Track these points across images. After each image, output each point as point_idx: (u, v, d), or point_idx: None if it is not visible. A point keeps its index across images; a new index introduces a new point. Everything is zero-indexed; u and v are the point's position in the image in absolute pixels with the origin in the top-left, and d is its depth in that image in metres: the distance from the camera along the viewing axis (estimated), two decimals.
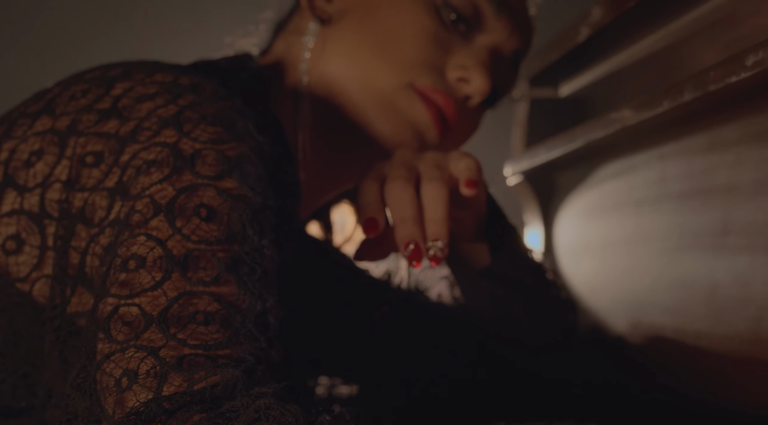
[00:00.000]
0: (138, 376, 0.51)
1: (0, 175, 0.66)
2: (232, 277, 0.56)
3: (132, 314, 0.54)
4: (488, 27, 0.84)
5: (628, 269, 0.89)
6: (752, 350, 0.68)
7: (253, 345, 0.54)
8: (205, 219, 0.57)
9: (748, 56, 0.60)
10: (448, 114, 0.81)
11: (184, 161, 0.59)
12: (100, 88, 0.67)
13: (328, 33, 0.82)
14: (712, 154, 0.74)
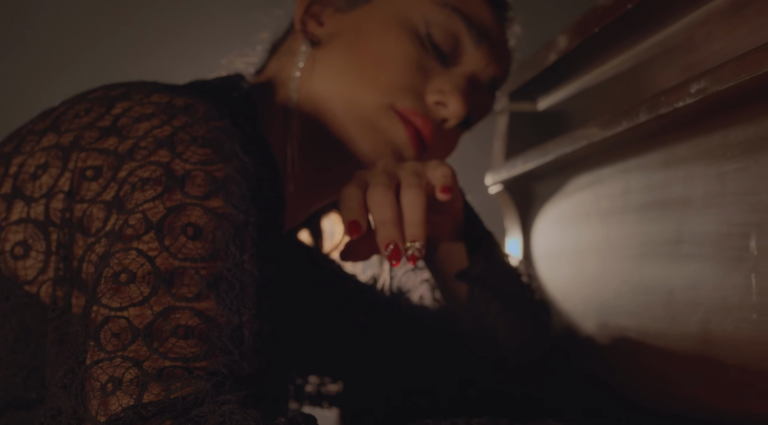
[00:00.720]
0: (122, 383, 0.57)
1: (9, 187, 0.72)
2: (213, 294, 0.62)
3: (120, 326, 0.60)
4: (468, 56, 0.90)
5: (596, 275, 0.96)
6: (702, 349, 0.74)
7: (227, 358, 0.60)
8: (192, 238, 0.63)
9: (692, 84, 0.66)
10: (425, 134, 0.87)
11: (175, 181, 0.65)
12: (102, 107, 0.73)
13: (317, 54, 0.88)
14: (668, 170, 0.81)
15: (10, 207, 0.72)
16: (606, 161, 0.93)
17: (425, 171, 0.84)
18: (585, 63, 1.02)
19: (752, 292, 0.67)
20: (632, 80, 0.93)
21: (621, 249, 0.90)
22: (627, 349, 0.88)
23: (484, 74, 0.93)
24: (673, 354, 0.79)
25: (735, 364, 0.69)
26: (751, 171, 0.68)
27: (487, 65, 0.92)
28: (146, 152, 0.67)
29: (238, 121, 0.69)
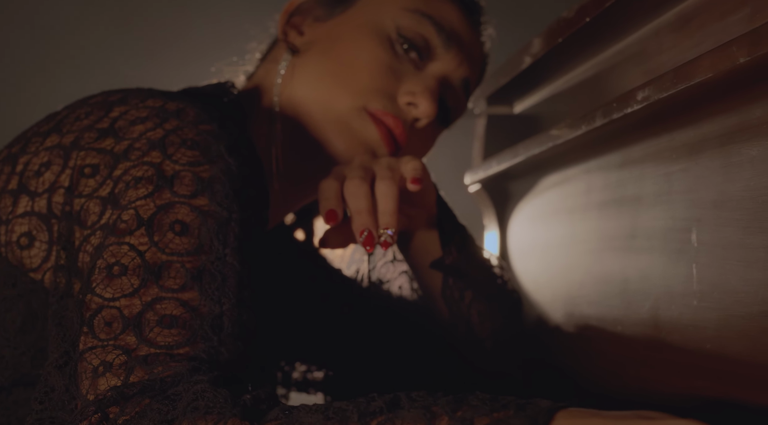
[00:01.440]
0: (112, 367, 0.64)
1: (15, 183, 0.79)
2: (196, 285, 0.68)
3: (112, 315, 0.66)
4: (438, 57, 0.97)
5: (563, 268, 1.02)
6: (652, 333, 0.81)
7: (207, 345, 0.66)
8: (179, 234, 0.69)
9: (638, 92, 0.73)
10: (397, 134, 0.94)
11: (165, 181, 0.71)
12: (101, 110, 0.79)
13: (297, 62, 0.95)
14: (623, 170, 0.88)
15: (16, 201, 0.78)
16: (571, 162, 1.00)
17: (398, 165, 0.91)
18: (555, 69, 1.08)
19: (693, 281, 0.74)
20: (597, 86, 1.00)
21: (584, 244, 0.97)
22: (589, 336, 0.95)
23: (456, 75, 0.99)
24: (628, 338, 0.85)
25: (680, 346, 0.76)
26: (693, 171, 0.75)
27: (458, 67, 0.98)
28: (140, 153, 0.73)
29: (226, 124, 0.76)
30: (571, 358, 0.99)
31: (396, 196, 0.87)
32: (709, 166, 0.72)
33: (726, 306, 0.69)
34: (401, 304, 1.07)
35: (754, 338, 0.65)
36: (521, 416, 0.52)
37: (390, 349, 1.07)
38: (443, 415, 0.54)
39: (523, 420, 0.51)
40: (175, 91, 0.89)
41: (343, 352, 1.11)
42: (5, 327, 0.77)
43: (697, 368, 0.73)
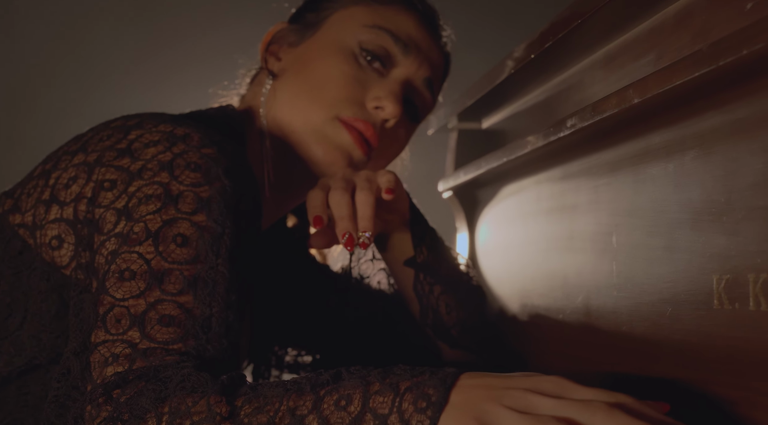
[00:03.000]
0: (118, 358, 0.79)
1: (48, 194, 0.93)
2: (192, 290, 0.81)
3: (121, 313, 0.80)
4: (398, 64, 1.12)
5: (519, 265, 1.18)
6: (586, 320, 0.97)
7: (196, 342, 0.80)
8: (180, 245, 0.83)
9: (568, 120, 0.89)
10: (369, 136, 1.08)
11: (171, 199, 0.84)
12: (120, 133, 0.94)
13: (277, 85, 1.11)
14: (564, 182, 1.03)
15: (48, 209, 0.93)
16: (525, 174, 1.16)
17: (375, 177, 1.06)
18: (515, 93, 1.24)
19: (613, 275, 0.90)
20: (549, 107, 1.16)
21: (535, 245, 1.13)
22: (538, 323, 1.11)
23: (417, 76, 1.14)
24: (568, 324, 1.01)
25: (604, 329, 0.92)
26: (613, 185, 0.91)
27: (418, 69, 1.13)
28: (152, 173, 0.87)
29: (225, 147, 0.90)
30: (525, 343, 1.15)
31: (372, 204, 1.03)
32: (624, 181, 0.88)
33: (635, 295, 0.85)
34: (380, 296, 1.23)
35: (654, 321, 0.81)
36: (434, 378, 0.67)
37: (369, 335, 1.23)
38: (375, 382, 0.69)
39: (435, 381, 0.67)
40: (185, 112, 1.05)
41: (329, 338, 1.27)
42: (41, 315, 0.91)
43: (616, 347, 0.89)
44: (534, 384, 0.67)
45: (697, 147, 0.74)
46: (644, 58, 0.88)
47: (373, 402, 0.67)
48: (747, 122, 0.68)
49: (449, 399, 0.66)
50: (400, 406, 0.66)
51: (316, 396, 0.70)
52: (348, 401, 0.68)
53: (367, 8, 1.13)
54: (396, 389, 0.67)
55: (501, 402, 0.65)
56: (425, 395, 0.66)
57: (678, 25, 0.81)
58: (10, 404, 0.92)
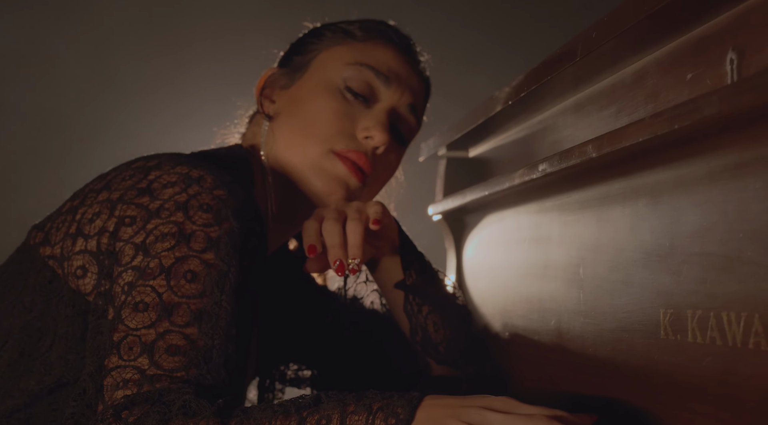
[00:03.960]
0: (129, 383, 0.89)
1: (74, 228, 1.04)
2: (197, 323, 0.92)
3: (134, 341, 0.91)
4: (382, 95, 1.22)
5: (501, 287, 1.29)
6: (558, 342, 1.07)
7: (197, 372, 0.90)
8: (189, 281, 0.93)
9: (540, 165, 1.00)
10: (362, 164, 1.18)
11: (184, 238, 0.94)
12: (141, 173, 1.04)
13: (274, 125, 1.21)
14: (540, 215, 1.14)
15: (74, 242, 1.03)
16: (506, 205, 1.27)
17: (365, 208, 1.16)
18: (498, 128, 1.35)
19: (581, 303, 1.01)
20: (527, 142, 1.27)
21: (515, 270, 1.24)
22: (518, 342, 1.21)
23: (401, 104, 1.24)
24: (542, 344, 1.12)
25: (573, 351, 1.03)
26: (580, 222, 1.01)
27: (401, 97, 1.23)
28: (168, 212, 0.97)
29: (235, 189, 1.00)
30: (505, 359, 1.26)
31: (361, 233, 1.13)
32: (590, 219, 0.99)
33: (599, 322, 0.96)
34: (373, 315, 1.34)
35: (614, 347, 0.92)
36: (402, 399, 0.79)
37: (362, 351, 1.34)
38: (351, 403, 0.80)
39: (403, 401, 0.78)
40: (200, 151, 1.15)
41: (327, 354, 1.37)
42: (68, 338, 1.02)
43: (582, 367, 1.00)
44: (486, 403, 0.79)
45: (647, 196, 0.85)
46: (607, 110, 0.98)
47: (350, 421, 0.79)
48: (687, 178, 0.78)
49: (415, 416, 0.77)
50: (373, 423, 0.77)
51: (300, 417, 0.81)
52: (328, 420, 0.80)
53: (348, 47, 1.23)
54: (369, 409, 0.79)
55: (459, 419, 0.77)
56: (395, 413, 0.77)
57: (634, 85, 0.92)
58: (41, 418, 1.02)
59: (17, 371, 1.02)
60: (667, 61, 0.85)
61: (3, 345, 1.02)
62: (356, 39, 1.24)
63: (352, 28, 1.25)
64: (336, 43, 1.24)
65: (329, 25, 1.27)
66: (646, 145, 0.77)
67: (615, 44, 0.86)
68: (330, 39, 1.25)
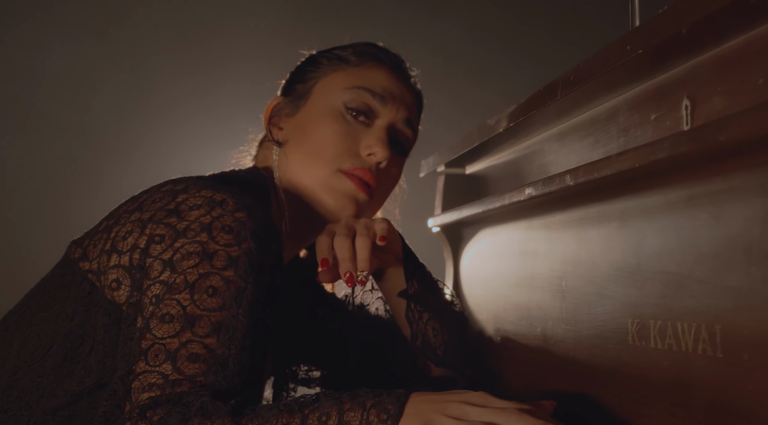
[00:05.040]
0: (153, 386, 1.01)
1: (109, 245, 1.16)
2: (215, 334, 1.03)
3: (160, 349, 1.02)
4: (380, 113, 1.33)
5: (494, 296, 1.42)
6: (544, 346, 1.20)
7: (214, 378, 1.02)
8: (210, 295, 1.04)
9: (526, 189, 1.13)
10: (368, 179, 1.30)
11: (207, 256, 1.06)
12: (170, 196, 1.16)
13: (284, 151, 1.33)
14: (528, 232, 1.27)
15: (109, 257, 1.15)
16: (498, 221, 1.40)
17: (372, 225, 1.28)
18: (491, 149, 1.47)
19: (563, 311, 1.13)
20: (517, 163, 1.39)
21: (506, 280, 1.36)
22: (509, 346, 1.34)
23: (398, 119, 1.35)
24: (530, 349, 1.24)
25: (557, 355, 1.15)
26: (563, 239, 1.14)
27: (397, 113, 1.34)
28: (193, 233, 1.08)
29: (254, 211, 1.12)
30: (496, 361, 1.38)
31: (369, 247, 1.25)
32: (571, 237, 1.11)
33: (578, 329, 1.08)
34: (377, 321, 1.46)
35: (591, 351, 1.04)
36: (391, 396, 0.91)
37: (367, 353, 1.46)
38: (347, 401, 0.92)
39: (392, 398, 0.91)
40: (224, 172, 1.28)
41: (334, 356, 1.50)
42: (105, 343, 1.14)
43: (564, 370, 1.12)
44: (466, 398, 0.91)
45: (618, 220, 0.98)
46: (586, 140, 1.11)
47: (347, 416, 0.91)
48: (650, 206, 0.91)
49: (404, 411, 0.90)
50: (367, 418, 0.90)
51: (302, 415, 0.93)
52: (327, 416, 0.92)
53: (344, 72, 1.35)
54: (363, 406, 0.91)
55: (442, 412, 0.89)
56: (386, 409, 0.90)
57: (608, 120, 1.04)
58: (81, 416, 1.14)
59: (61, 373, 1.14)
60: (635, 102, 0.97)
61: (48, 350, 1.15)
62: (350, 64, 1.36)
63: (345, 54, 1.37)
64: (332, 70, 1.36)
65: (324, 53, 1.39)
66: (614, 177, 0.90)
67: (590, 86, 0.98)
68: (326, 67, 1.36)
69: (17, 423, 1.12)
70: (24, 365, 1.14)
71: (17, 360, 1.14)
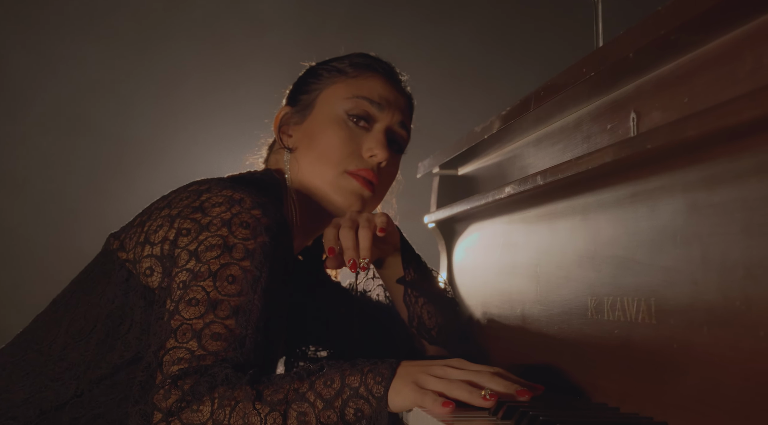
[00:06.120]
0: (181, 360, 1.18)
1: (143, 238, 1.34)
2: (234, 317, 1.20)
3: (187, 328, 1.20)
4: (378, 118, 1.50)
5: (482, 283, 1.59)
6: (523, 325, 1.37)
7: (234, 354, 1.19)
8: (230, 283, 1.21)
9: (505, 188, 1.30)
10: (371, 178, 1.47)
11: (228, 249, 1.23)
12: (195, 195, 1.33)
13: (295, 156, 1.50)
14: (510, 225, 1.44)
15: (143, 248, 1.33)
16: (485, 217, 1.57)
17: (373, 218, 1.46)
18: (479, 153, 1.65)
19: (538, 293, 1.31)
20: (502, 166, 1.57)
21: (492, 269, 1.54)
22: (495, 327, 1.51)
23: (394, 122, 1.52)
24: (511, 327, 1.42)
25: (532, 332, 1.33)
26: (538, 232, 1.31)
27: (392, 117, 1.51)
28: (216, 227, 1.26)
29: (268, 208, 1.29)
30: (484, 341, 1.56)
31: (370, 238, 1.43)
32: (544, 229, 1.29)
33: (550, 309, 1.26)
34: (378, 306, 1.64)
35: (559, 327, 1.22)
36: (385, 363, 1.09)
37: (368, 334, 1.64)
38: (347, 368, 1.10)
39: (386, 365, 1.09)
40: (240, 174, 1.45)
41: (340, 337, 1.67)
42: (142, 322, 1.31)
43: (538, 345, 1.30)
44: (447, 362, 1.10)
45: (580, 214, 1.15)
46: (557, 146, 1.29)
47: (348, 380, 1.09)
48: (605, 202, 1.09)
49: (396, 373, 1.07)
50: (365, 380, 1.08)
51: (310, 381, 1.11)
52: (332, 381, 1.10)
53: (344, 83, 1.52)
54: (361, 371, 1.09)
55: (428, 372, 1.07)
56: (381, 373, 1.08)
57: (574, 129, 1.22)
58: (122, 384, 1.32)
59: (104, 348, 1.32)
60: (595, 114, 1.15)
61: (93, 329, 1.33)
62: (349, 76, 1.53)
63: (343, 66, 1.54)
64: (333, 81, 1.53)
65: (324, 65, 1.56)
66: (574, 177, 1.08)
67: (557, 100, 1.16)
68: (327, 78, 1.54)
69: (67, 390, 1.29)
70: (72, 341, 1.32)
71: (66, 337, 1.32)
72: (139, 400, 1.23)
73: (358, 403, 1.08)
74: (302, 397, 1.10)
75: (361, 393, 1.08)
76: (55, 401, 1.28)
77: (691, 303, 0.87)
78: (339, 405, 1.09)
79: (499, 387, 1.07)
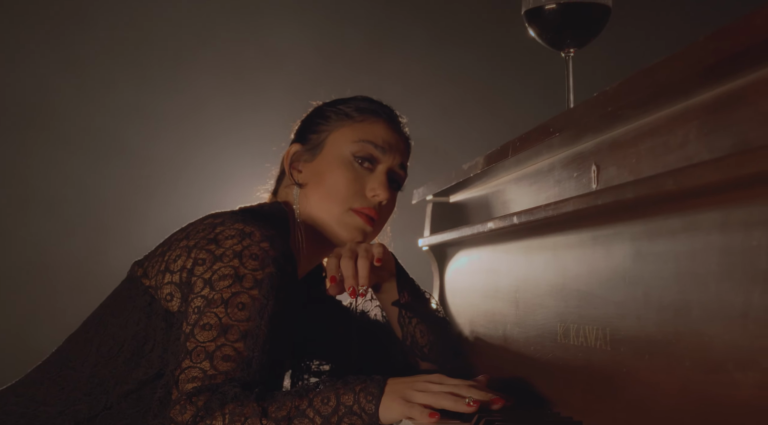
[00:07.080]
0: (195, 378, 1.34)
1: (163, 266, 1.50)
2: (242, 340, 1.36)
3: (201, 350, 1.35)
4: (381, 160, 1.66)
5: (469, 305, 1.75)
6: (504, 344, 1.53)
7: (241, 374, 1.35)
8: (240, 310, 1.37)
9: (487, 223, 1.46)
10: (373, 215, 1.63)
11: (238, 279, 1.39)
12: (210, 227, 1.49)
13: (304, 191, 1.65)
14: (493, 253, 1.60)
15: (164, 276, 1.49)
16: (472, 245, 1.74)
17: (371, 249, 1.62)
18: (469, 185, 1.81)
19: (517, 316, 1.47)
20: (487, 200, 1.73)
21: (478, 292, 1.70)
22: (481, 345, 1.67)
23: (394, 164, 1.68)
24: (495, 346, 1.58)
25: (512, 350, 1.49)
26: (518, 262, 1.48)
27: (393, 159, 1.67)
28: (228, 258, 1.42)
29: (275, 241, 1.45)
30: (472, 357, 1.72)
31: (368, 267, 1.59)
32: (523, 260, 1.45)
33: (527, 331, 1.42)
34: (375, 324, 1.80)
35: (535, 348, 1.38)
36: (374, 381, 1.26)
37: (366, 351, 1.80)
38: (341, 387, 1.26)
39: (375, 383, 1.25)
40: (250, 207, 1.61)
41: (341, 353, 1.83)
42: (163, 343, 1.48)
43: (517, 362, 1.46)
44: (428, 378, 1.26)
45: (551, 251, 1.32)
46: (533, 186, 1.45)
47: (342, 398, 1.25)
48: (571, 242, 1.25)
49: (384, 391, 1.24)
50: (358, 399, 1.24)
51: (309, 398, 1.27)
52: (328, 399, 1.26)
53: (351, 127, 1.68)
54: (353, 390, 1.26)
55: (412, 388, 1.24)
56: (371, 392, 1.24)
57: (547, 173, 1.38)
58: (146, 399, 1.48)
59: (130, 366, 1.48)
60: (564, 162, 1.31)
61: (120, 348, 1.49)
62: (355, 120, 1.69)
63: (349, 110, 1.69)
64: (340, 124, 1.69)
65: (330, 108, 1.71)
66: (544, 221, 1.24)
67: (531, 149, 1.32)
68: (335, 121, 1.69)
69: (98, 404, 1.46)
70: (102, 359, 1.48)
71: (97, 356, 1.49)
72: (158, 414, 1.39)
73: (353, 419, 1.24)
74: (303, 413, 1.26)
75: (355, 410, 1.24)
76: (87, 413, 1.45)
77: (636, 334, 1.03)
78: (335, 421, 1.25)
79: (478, 396, 1.24)
